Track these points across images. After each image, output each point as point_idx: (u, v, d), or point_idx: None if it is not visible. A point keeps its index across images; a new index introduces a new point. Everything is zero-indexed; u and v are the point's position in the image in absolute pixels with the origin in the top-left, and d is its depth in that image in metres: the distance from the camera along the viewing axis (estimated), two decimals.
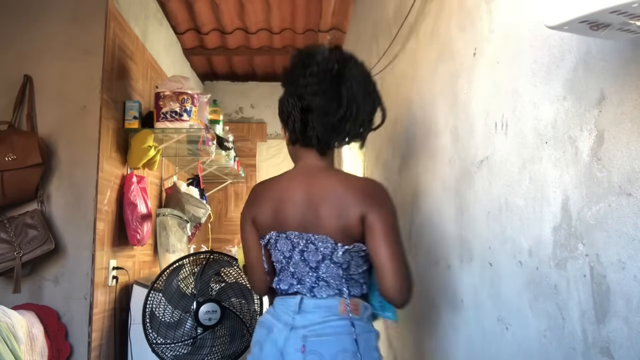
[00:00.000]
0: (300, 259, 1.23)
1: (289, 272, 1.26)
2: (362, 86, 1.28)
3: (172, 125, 2.50)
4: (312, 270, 1.22)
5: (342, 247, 1.20)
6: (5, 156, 1.97)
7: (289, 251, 1.25)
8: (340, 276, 1.21)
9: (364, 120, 1.29)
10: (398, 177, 2.20)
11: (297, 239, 1.24)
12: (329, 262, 1.21)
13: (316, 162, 1.32)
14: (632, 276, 0.74)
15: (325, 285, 1.22)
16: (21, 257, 1.96)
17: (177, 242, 3.03)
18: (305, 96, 1.23)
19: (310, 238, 1.22)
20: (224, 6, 3.44)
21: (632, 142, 0.74)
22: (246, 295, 2.09)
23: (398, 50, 2.20)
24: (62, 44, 2.22)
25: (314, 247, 1.21)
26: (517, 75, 1.08)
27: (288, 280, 1.26)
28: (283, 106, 1.30)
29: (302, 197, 1.24)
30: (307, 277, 1.23)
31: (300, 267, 1.23)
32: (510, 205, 1.11)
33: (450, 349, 1.52)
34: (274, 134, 4.76)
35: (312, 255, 1.22)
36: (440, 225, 1.60)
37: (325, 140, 1.28)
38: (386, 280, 1.17)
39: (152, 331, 1.98)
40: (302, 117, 1.25)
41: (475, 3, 1.31)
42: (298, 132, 1.28)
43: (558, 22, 0.63)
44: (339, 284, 1.22)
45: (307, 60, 1.26)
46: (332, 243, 1.20)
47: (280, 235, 1.26)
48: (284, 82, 1.32)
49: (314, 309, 1.20)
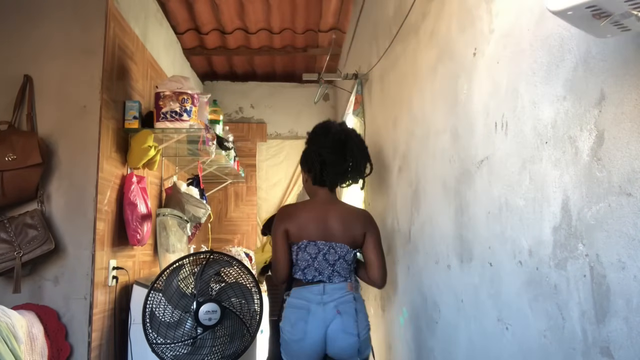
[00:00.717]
0: (322, 259, 1.83)
1: (313, 268, 1.83)
2: (360, 149, 1.97)
3: (172, 125, 2.50)
4: (330, 265, 1.83)
5: (352, 251, 1.87)
6: (5, 156, 1.97)
7: (315, 254, 1.84)
8: (347, 269, 1.86)
9: (361, 170, 1.98)
10: (398, 177, 2.20)
11: (323, 245, 1.84)
12: (342, 261, 1.85)
13: (328, 196, 1.95)
14: (632, 276, 0.74)
15: (338, 275, 1.84)
16: (21, 257, 1.97)
17: (177, 242, 3.03)
18: (323, 153, 1.90)
19: (332, 245, 1.85)
20: (224, 6, 3.44)
21: (632, 142, 0.74)
22: (246, 295, 2.09)
23: (398, 50, 2.20)
24: (62, 44, 2.22)
25: (333, 251, 1.84)
26: (517, 75, 1.08)
27: (312, 273, 1.83)
28: (307, 158, 1.97)
29: (322, 218, 1.87)
30: (326, 270, 1.83)
31: (322, 264, 1.83)
32: (510, 205, 1.11)
33: (451, 349, 1.52)
34: (274, 134, 4.76)
35: (332, 256, 1.84)
36: (440, 225, 1.60)
37: (334, 183, 1.96)
38: (374, 271, 1.89)
39: (152, 331, 1.98)
40: (320, 167, 1.91)
41: (475, 3, 1.31)
42: (317, 176, 1.93)
43: (563, 6, 0.60)
44: (346, 273, 1.86)
45: (325, 130, 1.96)
46: (348, 248, 1.85)
47: (310, 243, 1.85)
48: (308, 142, 2.01)
49: (332, 290, 1.80)
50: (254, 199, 4.61)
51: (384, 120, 2.52)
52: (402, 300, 2.15)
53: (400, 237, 2.15)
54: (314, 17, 3.65)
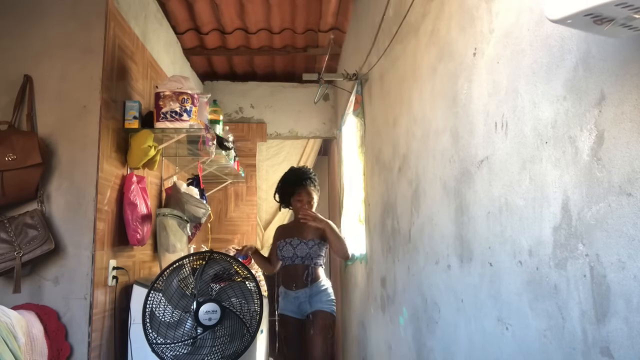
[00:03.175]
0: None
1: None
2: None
3: (172, 125, 2.50)
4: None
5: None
6: (5, 156, 1.97)
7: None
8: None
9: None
10: (398, 177, 2.20)
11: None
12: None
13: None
14: (632, 276, 0.74)
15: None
16: (21, 257, 1.97)
17: (177, 242, 3.03)
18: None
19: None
20: (224, 6, 3.43)
21: (632, 142, 0.74)
22: (246, 295, 2.09)
23: (398, 50, 2.20)
24: (62, 43, 2.22)
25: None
26: (517, 75, 1.08)
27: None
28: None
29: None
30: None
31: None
32: (510, 205, 1.11)
33: (451, 349, 1.52)
34: (274, 134, 4.76)
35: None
36: (440, 225, 1.60)
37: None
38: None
39: (152, 331, 1.98)
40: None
41: (475, 3, 1.31)
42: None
43: (562, 15, 0.61)
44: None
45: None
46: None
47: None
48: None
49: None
50: (254, 199, 4.61)
51: (384, 120, 2.52)
52: (402, 300, 2.15)
53: (400, 237, 2.15)
54: (314, 17, 3.65)
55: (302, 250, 2.95)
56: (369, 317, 2.94)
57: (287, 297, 2.96)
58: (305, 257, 2.94)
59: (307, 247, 2.95)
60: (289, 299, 2.95)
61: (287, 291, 2.96)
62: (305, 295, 2.91)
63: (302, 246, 2.95)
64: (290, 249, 2.96)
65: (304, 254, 2.95)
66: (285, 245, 2.99)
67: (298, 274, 2.93)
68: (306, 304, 2.92)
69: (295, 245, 2.96)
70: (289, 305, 2.95)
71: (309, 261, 2.94)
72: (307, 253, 2.95)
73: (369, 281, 2.87)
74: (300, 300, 2.92)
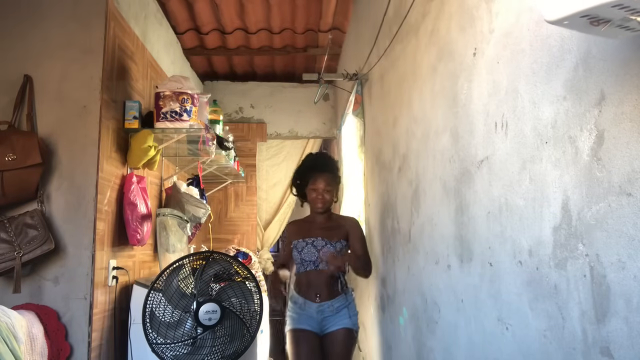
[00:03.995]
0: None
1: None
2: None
3: (172, 125, 2.50)
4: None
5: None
6: (5, 156, 1.97)
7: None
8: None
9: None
10: (398, 177, 2.20)
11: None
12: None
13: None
14: (632, 276, 0.74)
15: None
16: (21, 257, 1.97)
17: (177, 242, 3.03)
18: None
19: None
20: (224, 6, 3.43)
21: (632, 142, 0.74)
22: (246, 295, 2.09)
23: (398, 50, 2.20)
24: (62, 44, 2.22)
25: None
26: (517, 75, 1.08)
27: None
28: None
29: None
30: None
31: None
32: (510, 205, 1.11)
33: (451, 349, 1.52)
34: (274, 134, 4.76)
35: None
36: (440, 225, 1.60)
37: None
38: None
39: (152, 331, 1.98)
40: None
41: (475, 3, 1.31)
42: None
43: (558, 16, 0.62)
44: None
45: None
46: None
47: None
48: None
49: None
50: (254, 199, 4.61)
51: (384, 120, 2.52)
52: (402, 300, 2.15)
53: (400, 237, 2.15)
54: (314, 17, 3.65)
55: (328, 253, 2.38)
56: (369, 317, 2.94)
57: (306, 310, 2.39)
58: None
59: (335, 250, 2.39)
60: (308, 312, 2.38)
61: (307, 302, 2.39)
62: (331, 308, 2.37)
63: (329, 249, 2.38)
64: (314, 251, 2.40)
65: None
66: (306, 246, 2.42)
67: (323, 282, 2.38)
68: (332, 319, 2.38)
69: (320, 247, 2.40)
70: (308, 319, 2.38)
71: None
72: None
73: (369, 281, 2.87)
74: (325, 315, 2.37)
